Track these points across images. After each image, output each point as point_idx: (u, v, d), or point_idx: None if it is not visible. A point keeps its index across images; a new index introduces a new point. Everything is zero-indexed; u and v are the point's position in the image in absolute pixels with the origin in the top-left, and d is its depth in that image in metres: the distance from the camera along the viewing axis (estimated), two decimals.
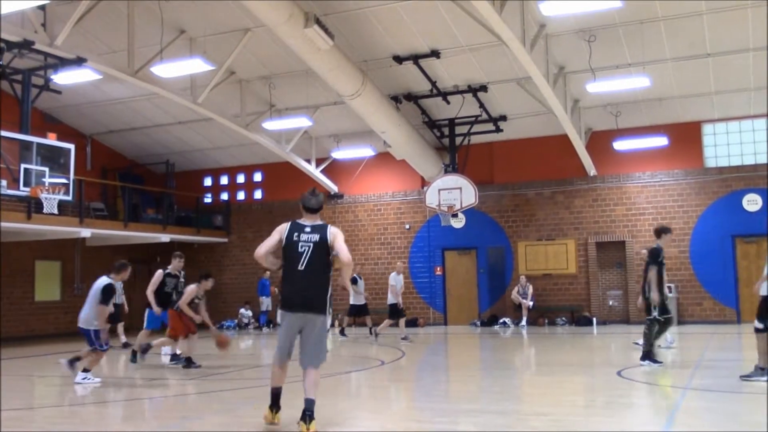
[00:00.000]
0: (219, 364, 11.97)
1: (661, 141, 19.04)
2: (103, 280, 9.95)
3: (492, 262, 21.12)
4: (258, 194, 25.00)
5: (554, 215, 20.99)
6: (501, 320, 20.35)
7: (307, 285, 6.31)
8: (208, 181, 25.67)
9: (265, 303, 21.97)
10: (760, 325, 8.78)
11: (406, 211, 22.59)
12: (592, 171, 20.28)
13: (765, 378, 8.76)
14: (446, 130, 20.37)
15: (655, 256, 10.62)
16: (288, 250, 6.38)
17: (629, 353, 12.35)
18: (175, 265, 12.65)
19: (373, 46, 16.82)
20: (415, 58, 17.15)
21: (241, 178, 25.34)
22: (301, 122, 19.56)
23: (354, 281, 18.19)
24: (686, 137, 19.77)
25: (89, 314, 9.87)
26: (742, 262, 19.18)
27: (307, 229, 6.38)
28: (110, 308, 10.29)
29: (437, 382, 10.09)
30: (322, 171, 22.72)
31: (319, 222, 6.48)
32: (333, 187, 23.12)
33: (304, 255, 6.31)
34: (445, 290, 21.88)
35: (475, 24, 14.47)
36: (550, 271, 20.66)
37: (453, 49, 16.69)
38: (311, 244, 6.33)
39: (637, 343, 12.14)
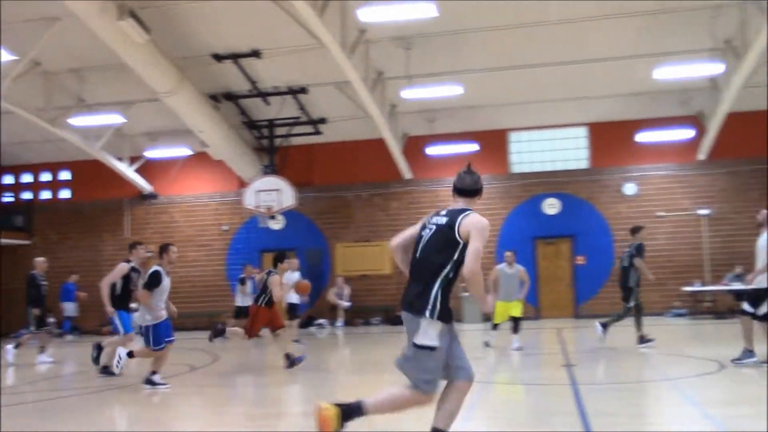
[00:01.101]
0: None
1: (472, 147, 20.06)
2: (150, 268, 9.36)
3: (310, 263, 21.22)
4: (66, 194, 23.56)
5: (371, 217, 21.48)
6: (317, 321, 20.50)
7: (415, 278, 4.96)
8: (8, 179, 23.85)
9: (69, 309, 20.68)
10: (751, 310, 9.53)
11: (224, 213, 22.21)
12: (407, 174, 20.95)
13: (755, 359, 9.47)
14: (266, 131, 20.25)
15: (642, 251, 12.70)
16: (416, 238, 5.08)
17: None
18: (142, 255, 10.99)
19: (192, 42, 16.38)
20: (235, 57, 16.90)
21: (46, 177, 23.77)
22: (113, 119, 18.66)
23: (242, 281, 17.72)
24: (494, 144, 20.93)
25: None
26: (542, 262, 20.59)
27: (443, 213, 4.97)
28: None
29: (246, 385, 10.00)
30: (136, 170, 21.80)
31: (461, 206, 4.98)
32: (147, 187, 22.26)
33: (422, 241, 4.95)
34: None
35: (296, 25, 14.50)
36: (367, 271, 21.10)
37: (274, 49, 16.61)
38: (434, 227, 4.92)
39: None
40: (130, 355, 10.03)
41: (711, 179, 19.82)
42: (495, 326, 12.94)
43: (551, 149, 21.08)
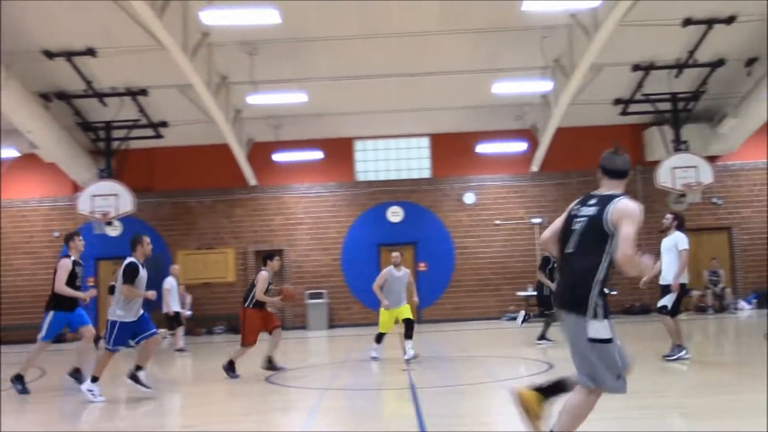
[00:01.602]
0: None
1: (317, 155, 20.15)
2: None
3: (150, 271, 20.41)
4: None
5: (215, 224, 21.04)
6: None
7: (568, 274, 4.69)
8: None
9: None
10: (660, 305, 10.13)
11: (56, 218, 20.99)
12: (252, 181, 20.70)
13: (683, 353, 9.86)
14: (102, 134, 19.32)
15: (545, 264, 13.62)
16: (564, 228, 4.79)
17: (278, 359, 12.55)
18: (80, 247, 9.90)
19: (20, 37, 15.35)
20: (69, 55, 16.03)
21: None
22: None
23: (111, 290, 16.39)
24: (340, 152, 21.12)
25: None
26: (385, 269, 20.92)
27: (592, 201, 4.69)
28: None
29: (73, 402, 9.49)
30: None
31: (612, 192, 4.70)
32: None
33: (574, 236, 4.65)
34: (98, 302, 20.66)
35: (135, 25, 13.96)
36: (209, 279, 20.63)
37: (111, 48, 15.88)
38: (584, 220, 4.62)
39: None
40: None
41: (543, 190, 20.96)
42: (380, 337, 11.92)
43: (396, 158, 21.54)
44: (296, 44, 16.17)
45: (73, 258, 9.73)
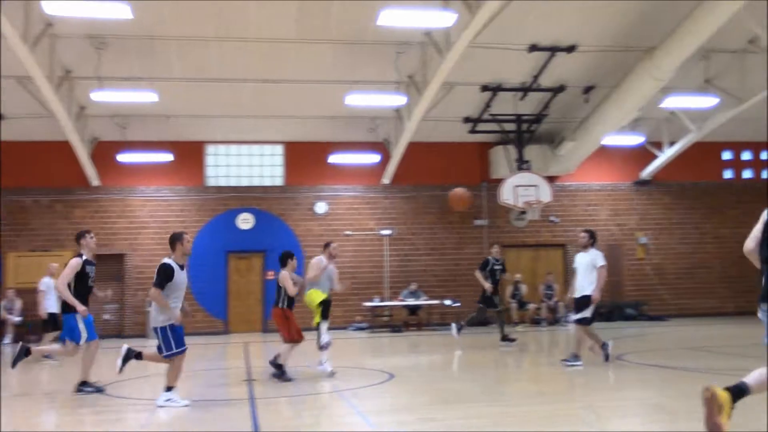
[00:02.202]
0: None
1: (166, 157, 19.53)
2: None
3: None
4: None
5: (52, 225, 19.88)
6: None
7: None
8: None
9: None
10: (580, 317, 11.01)
11: None
12: (94, 181, 19.76)
13: (580, 363, 10.63)
14: None
15: (484, 265, 14.97)
16: (764, 235, 4.98)
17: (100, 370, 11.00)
18: (92, 246, 9.62)
19: None
20: None
21: None
22: None
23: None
24: (190, 155, 20.57)
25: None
26: (233, 276, 20.60)
27: None
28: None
29: None
30: None
31: None
32: None
33: None
34: None
35: None
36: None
37: None
38: None
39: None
40: (139, 356, 8.64)
41: (393, 202, 21.35)
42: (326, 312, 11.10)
43: (248, 164, 21.24)
44: (149, 42, 15.64)
45: (85, 257, 9.47)
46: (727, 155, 23.10)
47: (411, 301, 20.12)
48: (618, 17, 15.88)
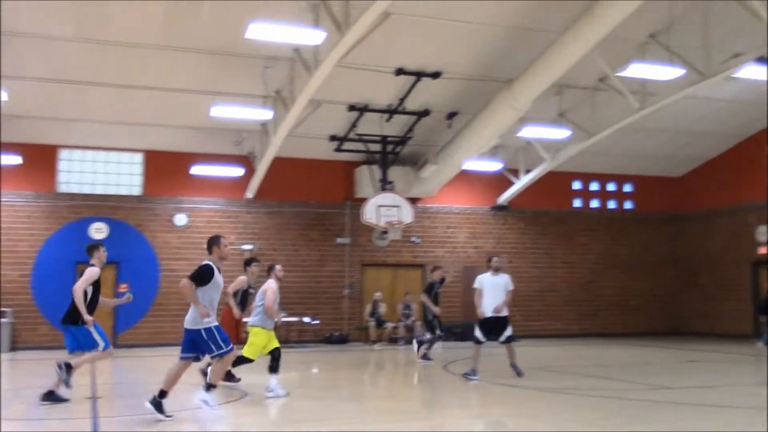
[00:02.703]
0: None
1: (14, 160, 18.43)
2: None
3: None
4: None
5: None
6: None
7: None
8: None
9: None
10: (483, 339, 11.89)
11: None
12: None
13: (476, 378, 11.28)
14: None
15: (430, 288, 15.11)
16: None
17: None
18: (103, 258, 9.93)
19: None
20: None
21: None
22: None
23: None
24: (41, 159, 19.48)
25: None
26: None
27: None
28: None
29: None
30: None
31: None
32: None
33: None
34: None
35: None
36: None
37: None
38: None
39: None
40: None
41: (256, 217, 21.08)
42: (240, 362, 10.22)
43: (105, 172, 20.34)
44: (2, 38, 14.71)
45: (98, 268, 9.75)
46: (577, 185, 24.43)
47: (293, 318, 19.88)
48: (481, 48, 16.49)
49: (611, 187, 24.83)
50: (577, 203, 24.42)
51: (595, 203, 24.64)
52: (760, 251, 21.98)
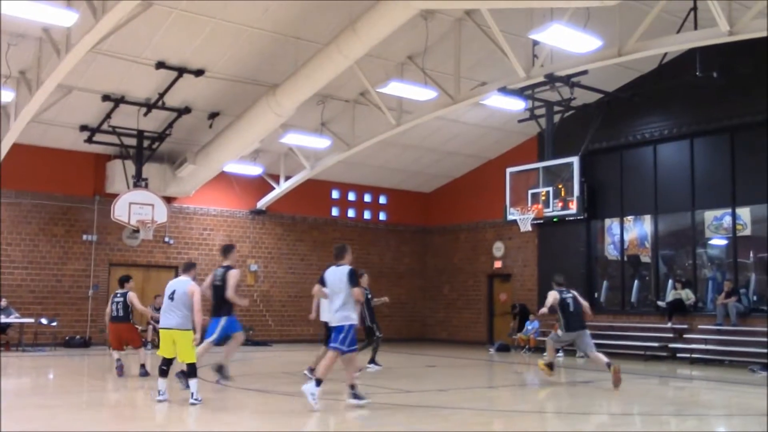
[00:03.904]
0: None
1: None
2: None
3: None
4: None
5: None
6: None
7: None
8: None
9: None
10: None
11: None
12: None
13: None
14: None
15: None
16: None
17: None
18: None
19: None
20: None
21: None
22: None
23: None
24: None
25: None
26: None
27: None
28: None
29: None
30: None
31: None
32: None
33: None
34: None
35: None
36: None
37: None
38: None
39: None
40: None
41: None
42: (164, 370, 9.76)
43: None
44: None
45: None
46: (335, 194, 25.06)
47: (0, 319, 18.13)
48: (247, 50, 16.36)
49: (367, 198, 25.76)
50: (335, 211, 25.03)
51: (351, 212, 25.42)
52: (495, 265, 23.98)
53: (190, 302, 9.66)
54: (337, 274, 9.59)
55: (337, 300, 9.46)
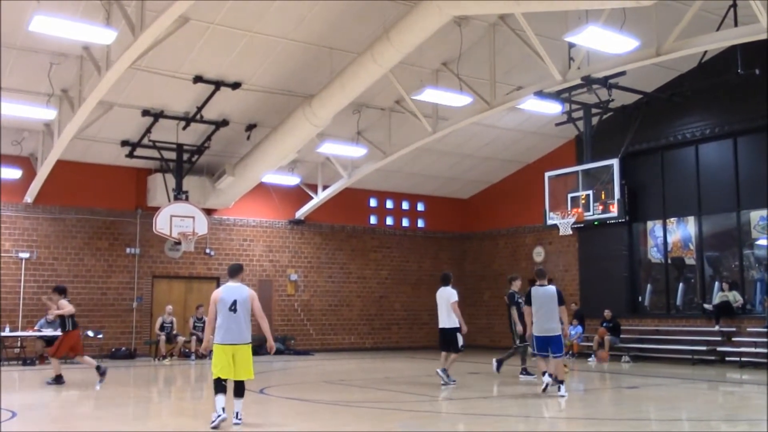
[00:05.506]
0: None
1: None
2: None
3: None
4: None
5: None
6: None
7: None
8: None
9: None
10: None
11: None
12: None
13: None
14: None
15: (512, 298, 14.94)
16: None
17: None
18: None
19: None
20: None
21: None
22: None
23: None
24: None
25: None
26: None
27: None
28: None
29: None
30: None
31: None
32: None
33: None
34: None
35: None
36: None
37: None
38: None
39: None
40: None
41: (35, 223, 19.56)
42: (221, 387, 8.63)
43: None
44: None
45: None
46: (373, 202, 25.08)
47: (48, 332, 18.44)
48: (282, 62, 16.49)
49: (405, 205, 25.74)
50: (372, 220, 25.05)
51: (389, 220, 25.42)
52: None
53: (250, 310, 8.81)
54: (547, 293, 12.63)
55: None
